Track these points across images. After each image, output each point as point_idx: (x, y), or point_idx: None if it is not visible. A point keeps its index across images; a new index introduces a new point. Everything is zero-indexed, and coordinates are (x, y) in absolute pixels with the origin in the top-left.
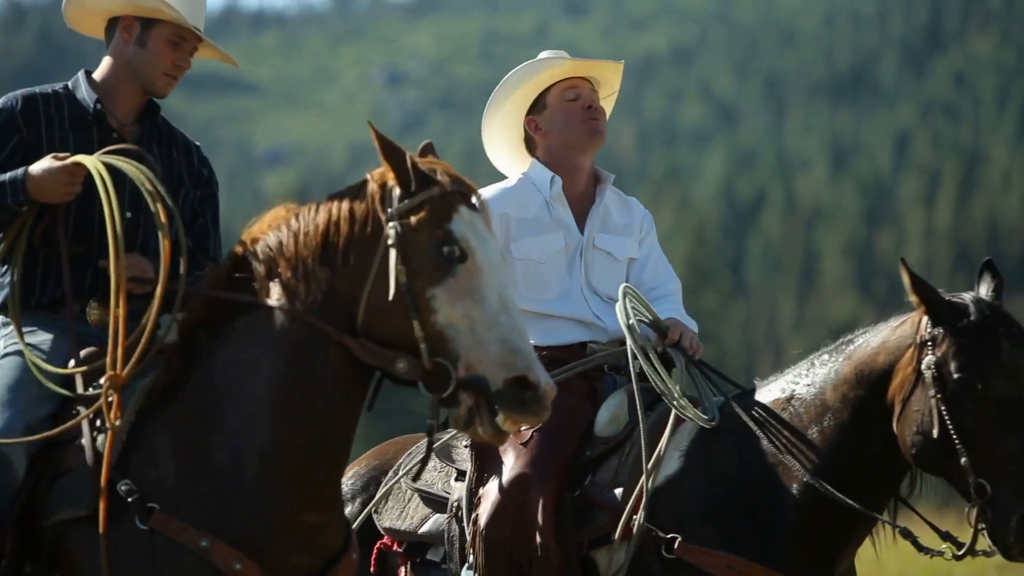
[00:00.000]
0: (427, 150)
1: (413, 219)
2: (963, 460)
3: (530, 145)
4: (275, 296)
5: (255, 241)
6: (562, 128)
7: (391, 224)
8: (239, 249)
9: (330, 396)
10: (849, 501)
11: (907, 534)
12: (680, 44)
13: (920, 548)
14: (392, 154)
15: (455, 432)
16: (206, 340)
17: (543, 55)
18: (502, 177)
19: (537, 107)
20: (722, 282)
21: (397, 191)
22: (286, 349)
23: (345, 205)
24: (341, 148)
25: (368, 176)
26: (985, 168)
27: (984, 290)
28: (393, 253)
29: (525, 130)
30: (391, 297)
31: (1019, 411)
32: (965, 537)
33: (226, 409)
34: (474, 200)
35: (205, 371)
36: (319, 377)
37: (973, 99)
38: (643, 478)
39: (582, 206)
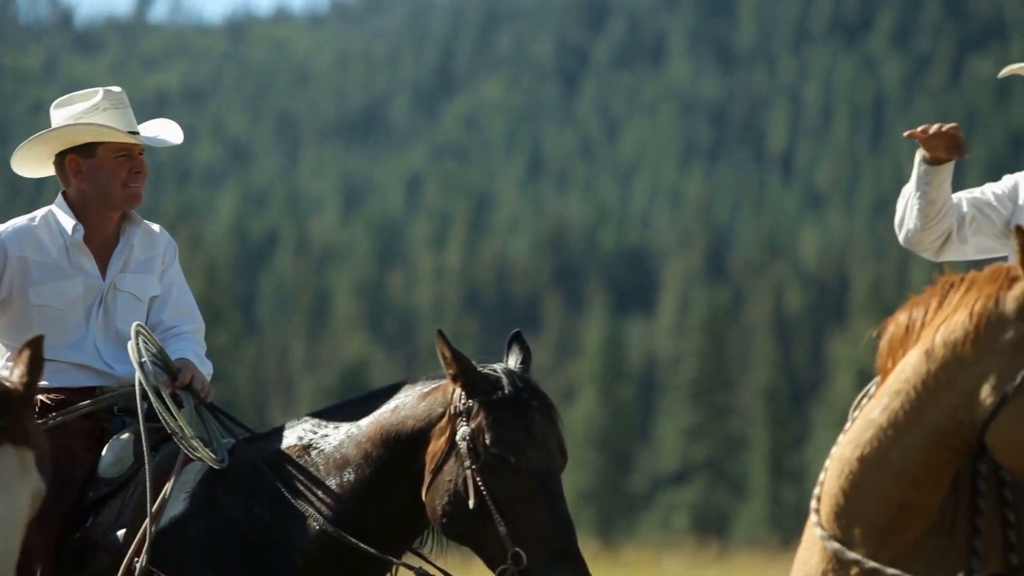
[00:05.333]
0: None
1: None
2: (501, 530)
3: (64, 178)
4: None
5: None
6: (104, 183)
7: None
8: None
9: None
10: (363, 545)
11: (423, 574)
12: (192, 83)
13: None
14: None
15: None
16: None
17: (103, 100)
18: None
19: (85, 149)
20: (233, 321)
21: None
22: None
23: None
24: None
25: None
26: (494, 210)
27: (513, 361)
28: None
29: (64, 164)
30: None
31: (549, 481)
32: None
33: None
34: None
35: None
36: None
37: (482, 142)
38: (147, 520)
39: (107, 248)
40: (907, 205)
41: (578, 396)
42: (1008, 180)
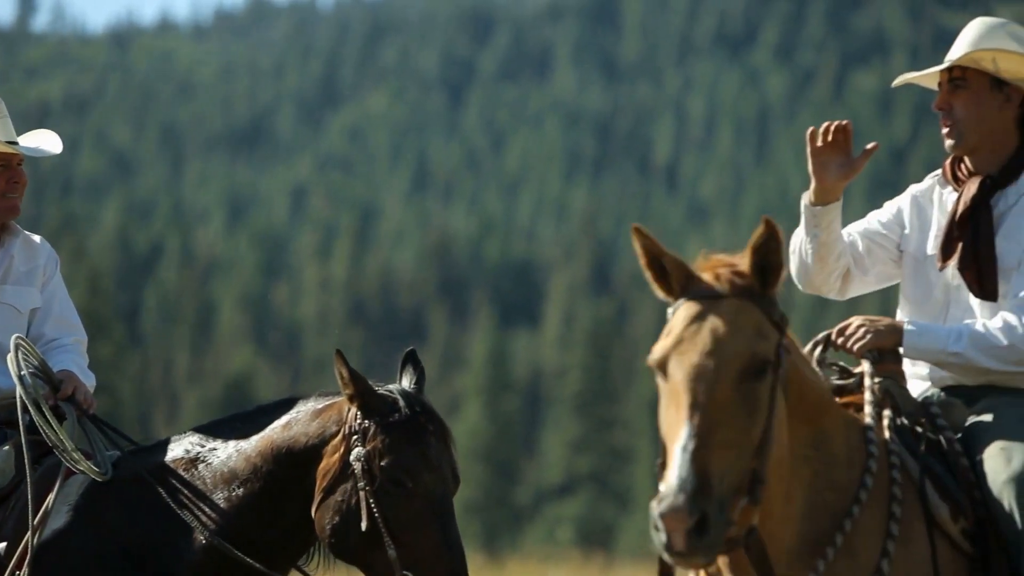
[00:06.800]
0: None
1: None
2: (391, 553)
3: None
4: None
5: None
6: None
7: None
8: None
9: None
10: (249, 560)
11: None
12: (75, 93)
13: None
14: None
15: None
16: None
17: None
18: None
19: None
20: (117, 333)
21: None
22: None
23: None
24: None
25: None
26: (379, 222)
27: (407, 381)
28: None
29: None
30: None
31: (443, 505)
32: None
33: None
34: None
35: None
36: None
37: (367, 154)
38: (29, 533)
39: None
40: (801, 252)
41: (463, 408)
42: (891, 206)
